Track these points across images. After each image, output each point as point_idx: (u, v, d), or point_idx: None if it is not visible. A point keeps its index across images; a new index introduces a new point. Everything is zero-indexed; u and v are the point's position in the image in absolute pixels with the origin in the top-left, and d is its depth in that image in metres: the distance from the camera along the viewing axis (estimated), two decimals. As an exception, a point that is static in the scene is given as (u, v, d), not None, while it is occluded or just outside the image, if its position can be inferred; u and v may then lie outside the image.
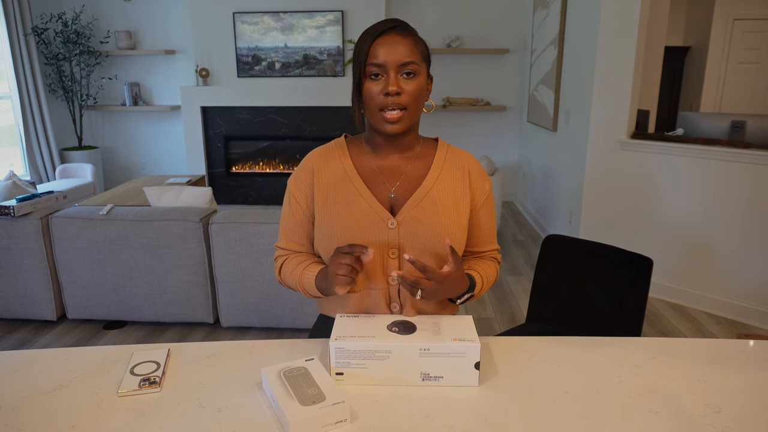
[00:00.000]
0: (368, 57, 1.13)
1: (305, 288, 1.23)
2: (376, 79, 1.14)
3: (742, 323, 2.99)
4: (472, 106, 5.54)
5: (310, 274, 1.22)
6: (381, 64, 1.12)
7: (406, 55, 1.12)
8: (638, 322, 1.61)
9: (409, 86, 1.14)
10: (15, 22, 4.97)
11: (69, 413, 0.95)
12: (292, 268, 1.26)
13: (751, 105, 5.83)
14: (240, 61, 5.35)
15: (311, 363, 1.02)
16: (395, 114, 1.14)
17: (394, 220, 1.18)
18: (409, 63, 1.13)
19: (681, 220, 3.17)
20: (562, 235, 1.83)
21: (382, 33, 1.13)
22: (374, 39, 1.13)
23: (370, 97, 1.15)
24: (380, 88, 1.13)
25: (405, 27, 1.16)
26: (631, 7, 3.19)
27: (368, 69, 1.14)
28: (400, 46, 1.12)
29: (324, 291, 1.19)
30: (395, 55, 1.12)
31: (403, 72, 1.13)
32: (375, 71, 1.13)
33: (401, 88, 1.13)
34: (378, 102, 1.14)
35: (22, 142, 5.22)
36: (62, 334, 2.88)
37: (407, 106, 1.14)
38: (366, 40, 1.14)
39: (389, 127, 1.15)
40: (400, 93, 1.13)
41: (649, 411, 0.95)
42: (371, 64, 1.13)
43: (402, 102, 1.13)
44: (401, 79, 1.13)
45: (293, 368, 1.00)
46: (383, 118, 1.15)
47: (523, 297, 3.36)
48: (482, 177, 1.28)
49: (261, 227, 2.67)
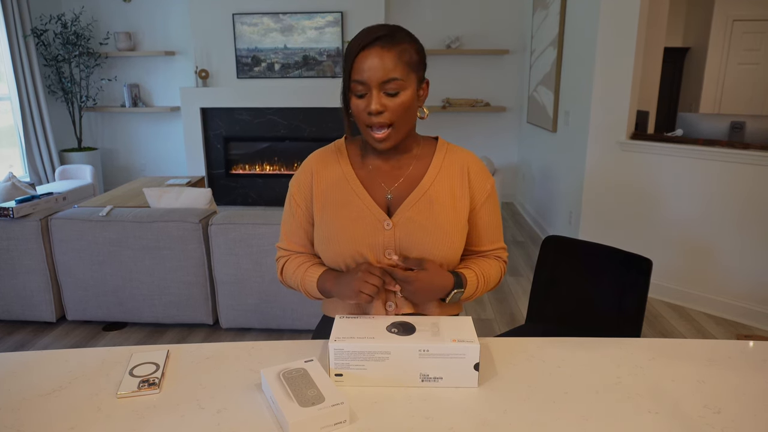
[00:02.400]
0: (351, 73, 1.11)
1: (307, 289, 1.24)
2: (361, 97, 1.12)
3: (742, 324, 2.99)
4: (471, 106, 5.55)
5: (312, 276, 1.22)
6: (363, 82, 1.10)
7: (389, 71, 1.08)
8: (638, 322, 1.61)
9: (392, 103, 1.11)
10: (14, 23, 4.97)
11: (68, 415, 0.95)
12: (294, 269, 1.27)
13: (751, 106, 5.84)
14: (239, 62, 5.35)
15: (310, 364, 1.02)
16: (381, 134, 1.13)
17: (390, 221, 1.18)
18: (390, 80, 1.09)
19: (680, 220, 3.17)
20: (562, 236, 1.83)
21: (366, 46, 1.09)
22: (357, 53, 1.10)
23: (357, 112, 1.14)
24: (364, 105, 1.11)
25: (391, 37, 1.10)
26: (631, 8, 3.20)
27: (353, 86, 1.12)
28: (384, 61, 1.08)
29: (327, 293, 1.19)
30: (376, 72, 1.08)
31: (385, 90, 1.10)
32: (359, 90, 1.11)
33: (384, 106, 1.10)
34: (363, 119, 1.13)
35: (22, 143, 5.22)
36: (62, 335, 2.88)
37: (393, 121, 1.12)
38: (350, 54, 1.11)
39: (377, 145, 1.15)
40: (383, 111, 1.10)
41: (649, 411, 0.95)
42: (355, 81, 1.11)
43: (386, 120, 1.11)
44: (384, 97, 1.10)
45: (292, 369, 1.00)
46: (371, 136, 1.14)
47: (523, 298, 3.36)
48: (483, 175, 1.25)
49: (261, 228, 2.67)
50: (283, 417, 0.89)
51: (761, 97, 5.82)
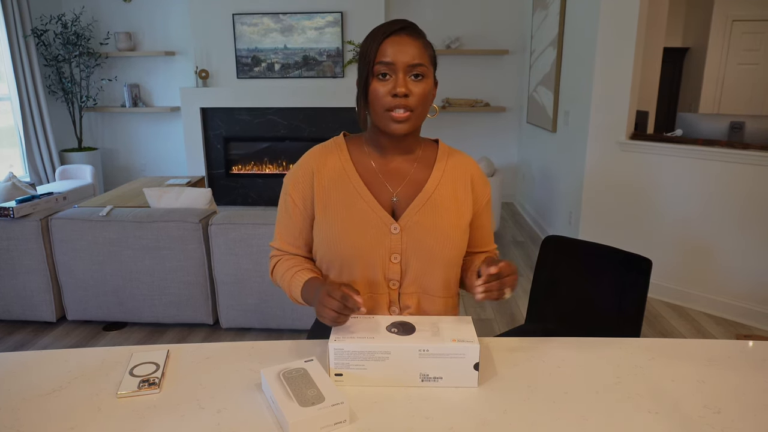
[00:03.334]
0: (377, 56, 1.11)
1: (293, 295, 1.23)
2: (384, 80, 1.12)
3: (742, 324, 2.99)
4: (471, 107, 5.55)
5: (298, 283, 1.20)
6: (390, 63, 1.10)
7: (416, 57, 1.11)
8: (637, 322, 1.61)
9: (417, 88, 1.12)
10: (14, 23, 4.97)
11: (68, 414, 0.95)
12: (283, 272, 1.25)
13: (750, 106, 5.84)
14: (239, 62, 5.35)
15: (311, 364, 1.02)
16: (402, 114, 1.12)
17: (397, 225, 1.17)
18: (418, 65, 1.11)
19: (680, 220, 3.17)
20: (562, 236, 1.83)
21: (392, 33, 1.11)
22: (384, 38, 1.11)
23: (377, 97, 1.12)
24: (388, 88, 1.11)
25: (415, 28, 1.14)
26: (630, 8, 3.20)
27: (376, 68, 1.11)
28: (410, 47, 1.11)
29: (309, 303, 1.18)
30: (405, 56, 1.10)
31: (412, 73, 1.11)
32: (383, 70, 1.11)
33: (409, 90, 1.11)
34: (385, 103, 1.12)
35: (22, 143, 5.22)
36: (62, 335, 2.88)
37: (414, 108, 1.12)
38: (375, 39, 1.12)
39: (396, 126, 1.13)
40: (408, 95, 1.11)
41: (649, 411, 0.95)
42: (380, 62, 1.11)
43: (410, 104, 1.12)
44: (410, 81, 1.11)
45: (292, 369, 1.00)
46: (390, 118, 1.13)
47: (523, 298, 3.36)
48: (484, 182, 1.28)
49: (260, 228, 2.67)
50: (283, 417, 0.89)
51: (761, 97, 5.81)
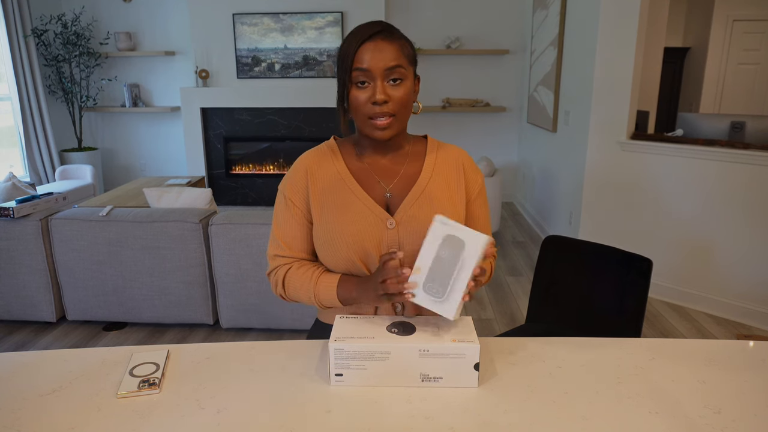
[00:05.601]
0: (353, 62, 1.11)
1: (321, 300, 1.19)
2: (363, 87, 1.12)
3: (742, 324, 2.99)
4: (471, 106, 5.55)
5: (329, 284, 1.18)
6: (367, 70, 1.10)
7: (393, 59, 1.10)
8: (638, 322, 1.61)
9: (396, 92, 1.12)
10: (14, 23, 4.97)
11: (68, 415, 0.95)
12: (301, 279, 1.21)
13: (751, 106, 5.84)
14: (240, 62, 5.35)
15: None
16: (384, 121, 1.13)
17: (393, 220, 1.18)
18: (395, 67, 1.10)
19: (680, 220, 3.17)
20: (562, 236, 1.83)
21: (368, 38, 1.11)
22: (359, 45, 1.10)
23: (358, 105, 1.13)
24: (367, 95, 1.11)
25: (390, 31, 1.13)
26: (631, 8, 3.20)
27: (354, 75, 1.11)
28: (386, 52, 1.10)
29: (348, 301, 1.16)
30: (381, 61, 1.10)
31: (390, 78, 1.11)
32: (361, 78, 1.11)
33: (389, 96, 1.11)
34: (366, 111, 1.13)
35: (22, 143, 5.23)
36: (62, 335, 2.88)
37: (396, 112, 1.13)
38: (351, 46, 1.11)
39: (379, 133, 1.14)
40: (387, 101, 1.11)
41: (649, 412, 0.95)
42: (357, 69, 1.11)
43: (390, 110, 1.12)
44: (388, 86, 1.11)
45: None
46: (373, 126, 1.14)
47: (523, 298, 3.36)
48: (475, 169, 1.29)
49: (261, 228, 2.67)
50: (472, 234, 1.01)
51: (761, 97, 5.81)
